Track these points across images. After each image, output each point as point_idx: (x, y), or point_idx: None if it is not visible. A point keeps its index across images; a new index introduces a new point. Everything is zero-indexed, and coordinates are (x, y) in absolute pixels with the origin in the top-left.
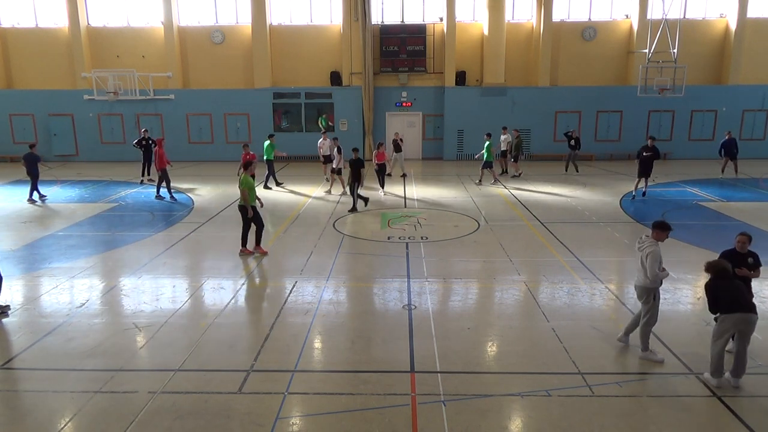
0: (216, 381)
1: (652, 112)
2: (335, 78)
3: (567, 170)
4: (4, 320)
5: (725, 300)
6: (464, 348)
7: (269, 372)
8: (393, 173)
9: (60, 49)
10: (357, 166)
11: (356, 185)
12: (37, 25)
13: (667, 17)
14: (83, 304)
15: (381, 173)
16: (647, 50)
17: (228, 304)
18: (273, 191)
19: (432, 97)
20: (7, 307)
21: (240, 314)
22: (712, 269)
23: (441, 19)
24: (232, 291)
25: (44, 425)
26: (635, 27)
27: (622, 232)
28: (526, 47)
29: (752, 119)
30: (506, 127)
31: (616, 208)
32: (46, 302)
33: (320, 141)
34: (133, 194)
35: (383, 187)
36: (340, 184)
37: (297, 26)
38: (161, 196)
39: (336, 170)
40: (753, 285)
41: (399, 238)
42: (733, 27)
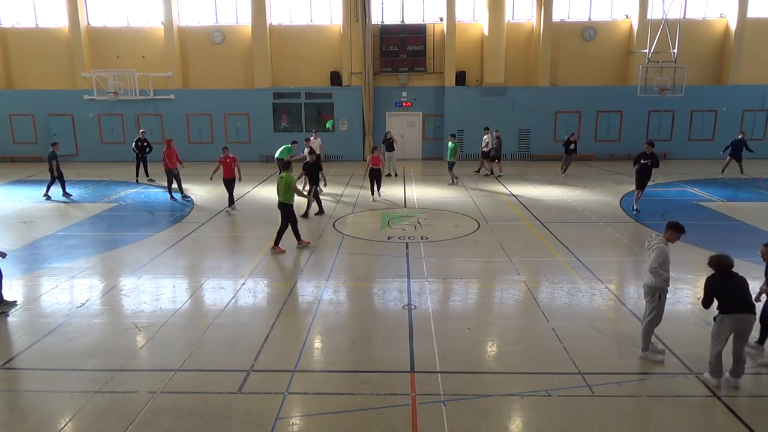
0: (216, 381)
1: (652, 112)
2: (335, 78)
3: (564, 172)
4: (4, 320)
5: (725, 299)
6: (464, 348)
7: (269, 372)
8: (390, 174)
9: (60, 49)
10: (314, 170)
11: (313, 188)
12: (37, 25)
13: (667, 17)
14: (83, 304)
15: (376, 178)
16: (647, 50)
17: (228, 304)
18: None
19: (432, 97)
20: (14, 303)
21: (240, 314)
22: (714, 263)
23: (441, 19)
24: (232, 291)
25: (44, 425)
26: (635, 27)
27: (622, 232)
28: (526, 47)
29: (752, 119)
30: (488, 128)
31: (616, 208)
32: (46, 302)
33: (311, 140)
34: (133, 194)
35: (375, 194)
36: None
37: (297, 26)
38: (175, 198)
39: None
40: (752, 285)
41: (399, 238)
42: (733, 27)
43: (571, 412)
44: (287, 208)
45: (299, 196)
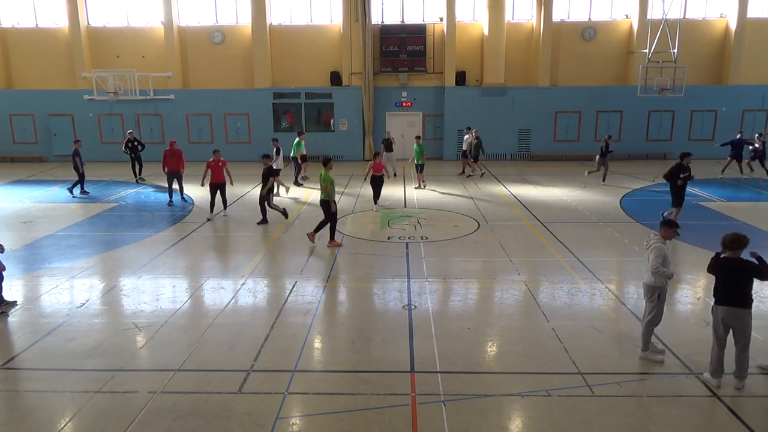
0: (216, 381)
1: (652, 112)
2: (335, 78)
3: (604, 180)
4: (4, 320)
5: (719, 288)
6: (464, 348)
7: (269, 372)
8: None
9: (60, 49)
10: (267, 175)
11: (266, 194)
12: (37, 25)
13: (667, 17)
14: (83, 304)
15: (377, 186)
16: (647, 50)
17: (228, 304)
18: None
19: (432, 97)
20: (14, 303)
21: (240, 314)
22: (722, 241)
23: (441, 19)
24: (232, 291)
25: (44, 425)
26: (635, 27)
27: (622, 232)
28: (526, 47)
29: (752, 119)
30: (470, 128)
31: (616, 208)
32: (46, 302)
33: (296, 140)
34: (133, 194)
35: (377, 202)
36: (282, 186)
37: (297, 26)
38: (184, 199)
39: (275, 172)
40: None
41: (399, 238)
42: (733, 27)
43: (571, 412)
44: (326, 205)
45: (328, 196)
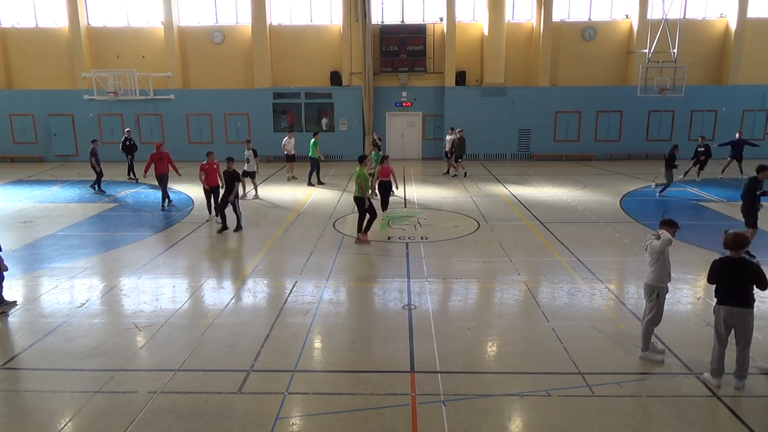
0: (216, 381)
1: (652, 112)
2: (335, 78)
3: (699, 176)
4: (4, 320)
5: (720, 286)
6: (464, 348)
7: (269, 372)
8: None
9: (60, 49)
10: (231, 179)
11: (233, 199)
12: (37, 25)
13: (667, 17)
14: (83, 304)
15: (385, 192)
16: (647, 50)
17: (228, 304)
18: (272, 192)
19: (432, 97)
20: (14, 303)
21: (240, 314)
22: (724, 242)
23: (441, 19)
24: (232, 291)
25: (44, 425)
26: (635, 27)
27: (622, 232)
28: (526, 47)
29: (752, 119)
30: (453, 128)
31: (616, 208)
32: (46, 302)
33: (285, 140)
34: (133, 194)
35: (386, 209)
36: (254, 188)
37: (297, 26)
38: (171, 202)
39: (251, 174)
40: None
41: (399, 238)
42: (733, 27)
43: (571, 412)
44: (359, 202)
45: (363, 193)
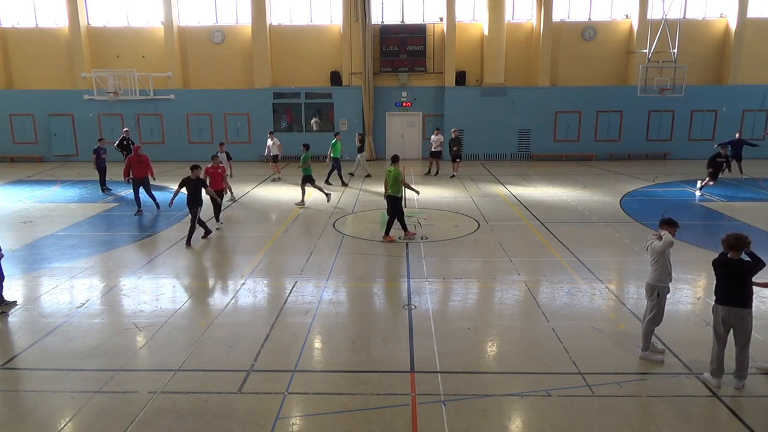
0: (216, 381)
1: (652, 112)
2: (335, 78)
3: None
4: (4, 320)
5: (718, 286)
6: (464, 348)
7: (269, 372)
8: (356, 174)
9: (60, 49)
10: (195, 186)
11: (196, 210)
12: (37, 25)
13: (667, 17)
14: (83, 304)
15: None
16: (647, 50)
17: (228, 304)
18: (272, 192)
19: (432, 97)
20: (14, 303)
21: (240, 314)
22: (723, 242)
23: (441, 19)
24: (232, 291)
25: (44, 425)
26: (635, 27)
27: (622, 232)
28: (526, 47)
29: (752, 119)
30: (439, 128)
31: (616, 208)
32: (46, 302)
33: (269, 142)
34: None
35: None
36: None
37: (297, 26)
38: (158, 206)
39: (228, 176)
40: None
41: (399, 239)
42: (733, 27)
43: (571, 412)
44: (394, 200)
45: (407, 189)
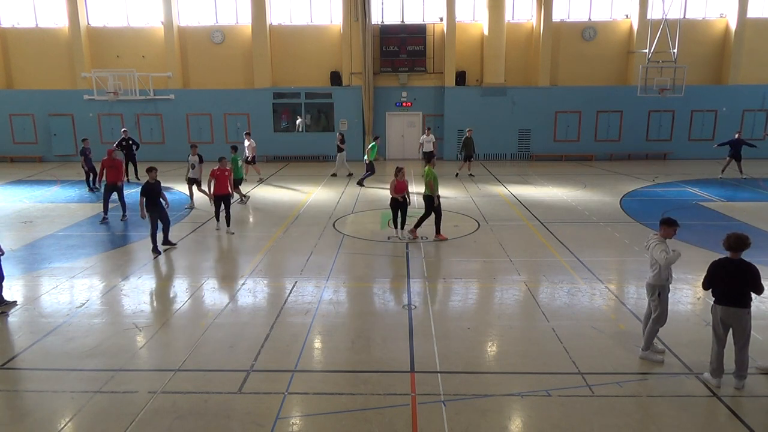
0: (216, 381)
1: (652, 112)
2: (335, 78)
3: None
4: (4, 320)
5: (717, 287)
6: (464, 348)
7: (269, 372)
8: (339, 174)
9: (60, 49)
10: (151, 191)
11: (156, 215)
12: (37, 25)
13: (667, 17)
14: (83, 304)
15: (401, 209)
16: (647, 50)
17: (228, 304)
18: (272, 192)
19: (432, 97)
20: (14, 303)
21: (240, 314)
22: (725, 242)
23: (441, 19)
24: (232, 291)
25: (44, 425)
26: (635, 27)
27: (622, 232)
28: (526, 47)
29: (752, 119)
30: (430, 128)
31: (616, 208)
32: (46, 302)
33: (246, 143)
34: (133, 194)
35: (402, 227)
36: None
37: (297, 26)
38: (125, 215)
39: (196, 181)
40: None
41: (399, 238)
42: (733, 27)
43: (571, 412)
44: (429, 200)
45: (432, 191)
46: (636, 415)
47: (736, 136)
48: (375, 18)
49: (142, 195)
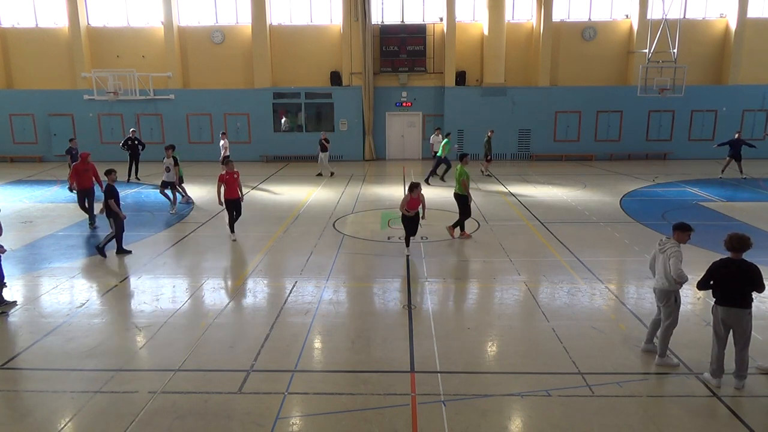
0: (216, 381)
1: (652, 112)
2: (335, 78)
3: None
4: (4, 320)
5: (717, 287)
6: (464, 348)
7: (269, 372)
8: (323, 174)
9: (60, 49)
10: (110, 196)
11: (115, 224)
12: (37, 25)
13: (667, 17)
14: (83, 304)
15: (412, 225)
16: (647, 50)
17: (228, 304)
18: (269, 192)
19: (432, 97)
20: (14, 303)
21: (240, 314)
22: (726, 243)
23: (441, 19)
24: (232, 291)
25: (44, 425)
26: (635, 27)
27: (622, 232)
28: (526, 47)
29: (752, 119)
30: (440, 128)
31: (616, 208)
32: (46, 302)
33: (222, 142)
34: (133, 194)
35: (408, 245)
36: (183, 195)
37: (297, 26)
38: (93, 223)
39: (170, 184)
40: None
41: (399, 238)
42: (733, 27)
43: (571, 412)
44: (461, 199)
45: (465, 190)
46: (636, 415)
47: (736, 136)
48: (375, 18)
49: (110, 197)
